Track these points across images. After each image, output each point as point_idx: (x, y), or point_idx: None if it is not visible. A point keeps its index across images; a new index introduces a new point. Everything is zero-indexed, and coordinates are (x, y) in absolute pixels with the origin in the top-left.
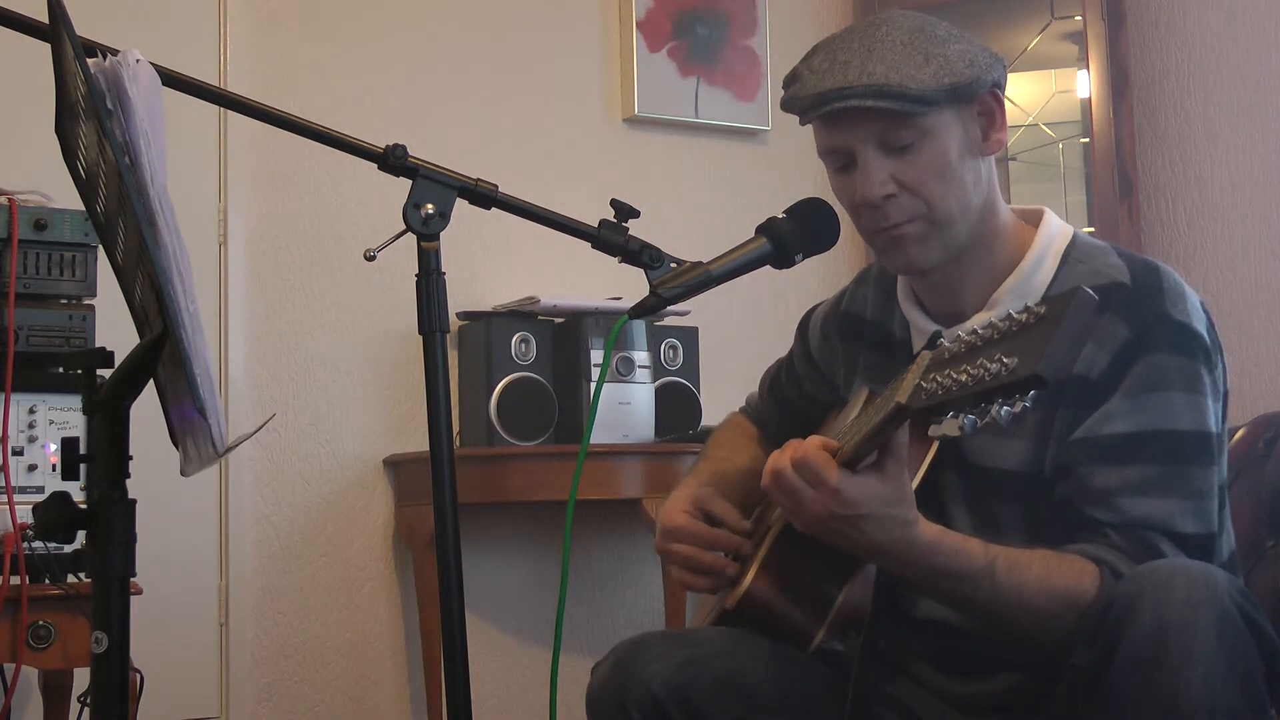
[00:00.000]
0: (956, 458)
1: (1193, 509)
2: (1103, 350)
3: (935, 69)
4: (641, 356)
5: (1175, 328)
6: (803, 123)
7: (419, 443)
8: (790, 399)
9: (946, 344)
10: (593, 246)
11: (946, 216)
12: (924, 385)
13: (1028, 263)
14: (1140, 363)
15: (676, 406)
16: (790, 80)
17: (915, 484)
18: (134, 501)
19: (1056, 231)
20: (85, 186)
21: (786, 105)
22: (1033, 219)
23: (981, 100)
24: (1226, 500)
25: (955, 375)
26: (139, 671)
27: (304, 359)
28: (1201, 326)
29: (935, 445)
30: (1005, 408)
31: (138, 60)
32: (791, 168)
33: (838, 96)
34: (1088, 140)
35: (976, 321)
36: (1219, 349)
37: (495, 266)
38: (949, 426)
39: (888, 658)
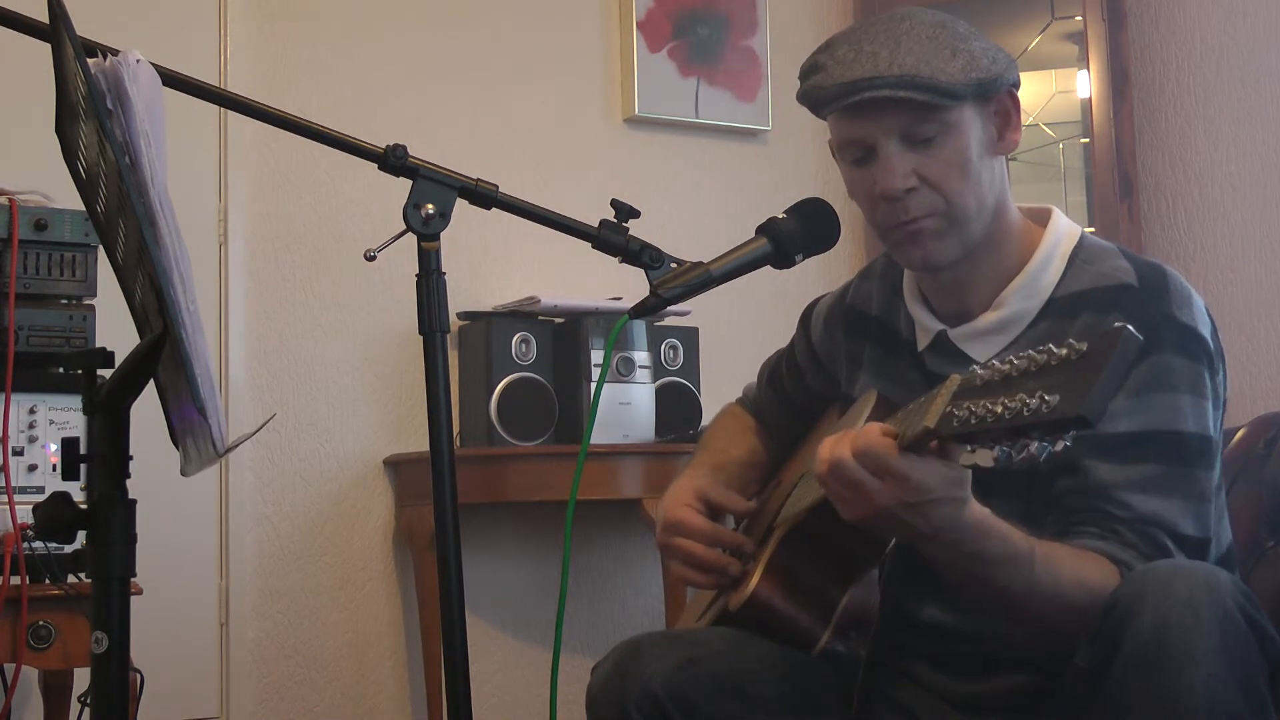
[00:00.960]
0: None
1: (1193, 512)
2: None
3: (963, 63)
4: (642, 356)
5: (1181, 330)
6: (824, 114)
7: (419, 443)
8: (790, 391)
9: (978, 370)
10: (593, 246)
11: (964, 213)
12: (955, 412)
13: (1035, 263)
14: (1145, 363)
15: (677, 407)
16: (810, 70)
17: None
18: (134, 501)
19: (1064, 232)
20: (85, 186)
21: (806, 96)
22: (1041, 218)
23: (999, 99)
24: (1221, 506)
25: (990, 406)
26: (139, 672)
27: (304, 359)
28: (1207, 332)
29: None
30: (1044, 444)
31: (138, 60)
32: (792, 168)
33: (868, 86)
34: (1088, 140)
35: (984, 321)
36: (1221, 356)
37: (495, 267)
38: (981, 456)
39: (891, 659)
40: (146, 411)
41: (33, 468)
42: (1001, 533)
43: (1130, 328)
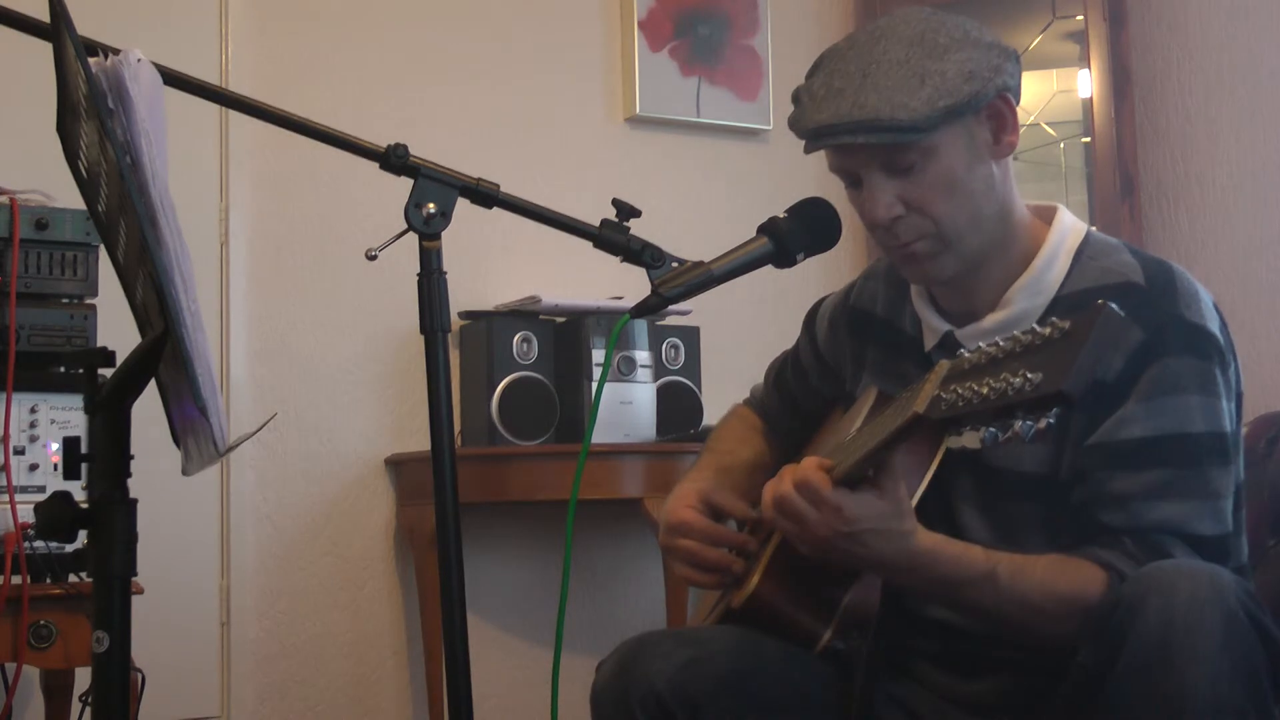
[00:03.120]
0: (970, 460)
1: (1210, 510)
2: (1117, 353)
3: (930, 92)
4: (643, 356)
5: (1189, 329)
6: (807, 151)
7: (420, 442)
8: (796, 392)
9: (966, 354)
10: (594, 246)
11: (955, 232)
12: (943, 396)
13: (1040, 261)
14: (1154, 366)
15: (678, 406)
16: (794, 101)
17: (923, 486)
18: (135, 501)
19: (1069, 229)
20: (86, 186)
21: (791, 129)
22: (1046, 216)
23: (991, 105)
24: (1243, 500)
25: (976, 387)
26: (140, 671)
27: (305, 358)
28: (1215, 327)
29: (943, 448)
30: (1028, 422)
31: (139, 59)
32: (793, 167)
33: (829, 133)
34: (1089, 140)
35: (991, 321)
36: (1232, 349)
37: (497, 266)
38: (969, 438)
39: (892, 658)
40: (147, 411)
41: (34, 467)
42: (953, 557)
43: (1112, 305)
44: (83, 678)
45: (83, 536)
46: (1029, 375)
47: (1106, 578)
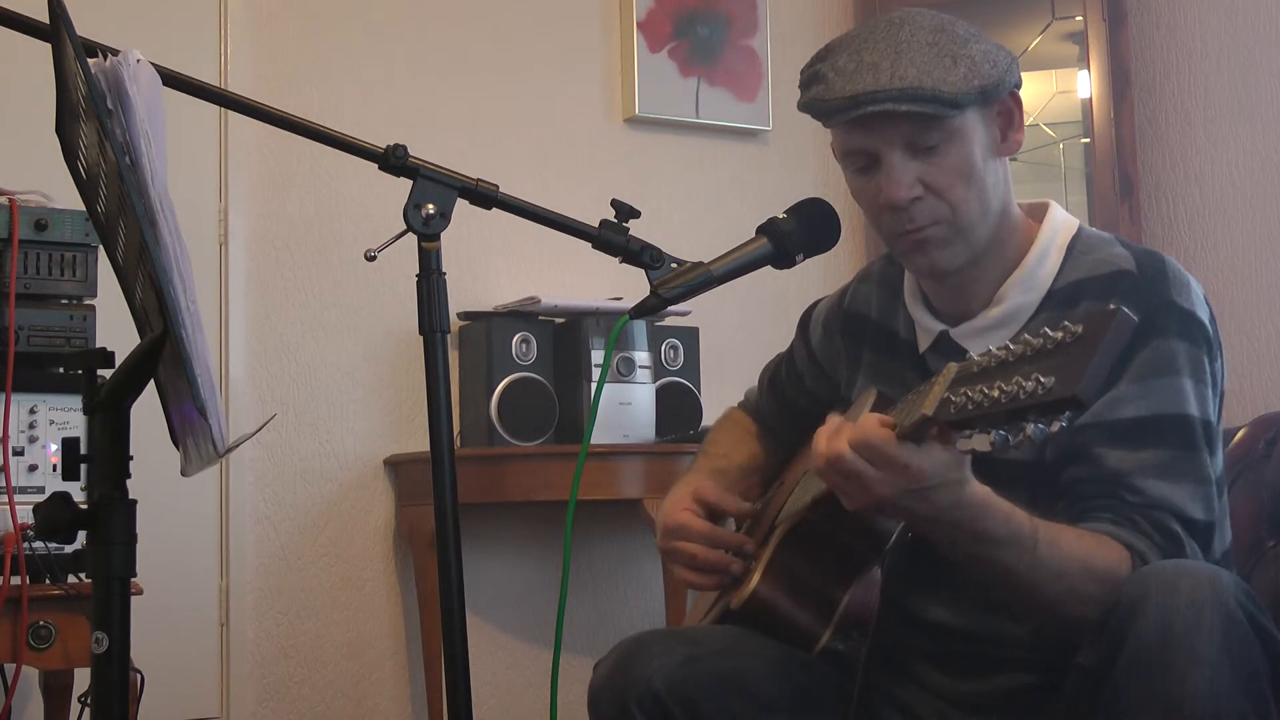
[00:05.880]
0: None
1: (1201, 495)
2: None
3: (964, 71)
4: (642, 356)
5: (1181, 314)
6: (828, 125)
7: (420, 443)
8: (790, 395)
9: (975, 357)
10: (593, 247)
11: (968, 220)
12: (952, 399)
13: (1032, 256)
14: (1147, 348)
15: (677, 407)
16: (811, 80)
17: None
18: (134, 502)
19: (1061, 225)
20: (86, 186)
21: (808, 107)
22: (1038, 214)
23: (1001, 101)
24: (1225, 492)
25: (987, 391)
26: (139, 672)
27: (304, 359)
28: (1205, 317)
29: None
30: (1040, 425)
31: (138, 60)
32: (792, 168)
33: (870, 100)
34: (1088, 140)
35: (985, 317)
36: (1219, 343)
37: (496, 266)
38: (978, 441)
39: (891, 658)
40: (147, 411)
41: (33, 468)
42: (1003, 513)
43: (1125, 308)
44: (82, 678)
45: (82, 537)
46: (1041, 379)
47: (1130, 558)
